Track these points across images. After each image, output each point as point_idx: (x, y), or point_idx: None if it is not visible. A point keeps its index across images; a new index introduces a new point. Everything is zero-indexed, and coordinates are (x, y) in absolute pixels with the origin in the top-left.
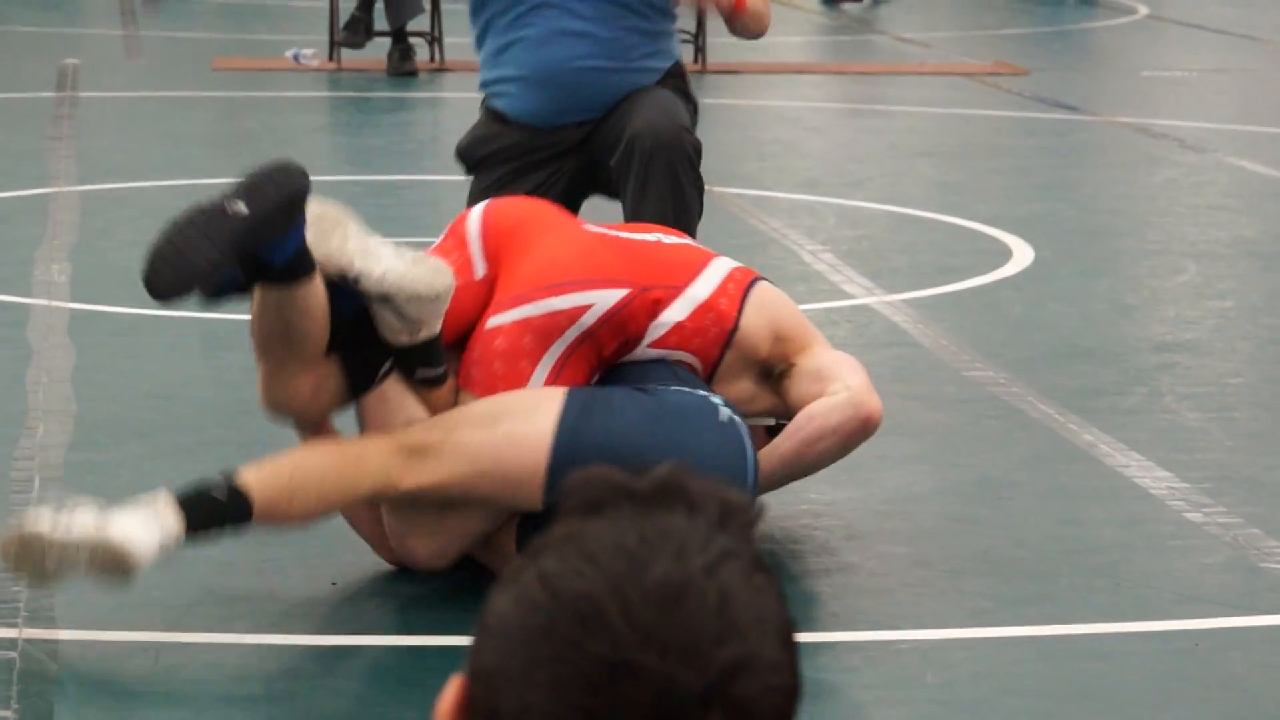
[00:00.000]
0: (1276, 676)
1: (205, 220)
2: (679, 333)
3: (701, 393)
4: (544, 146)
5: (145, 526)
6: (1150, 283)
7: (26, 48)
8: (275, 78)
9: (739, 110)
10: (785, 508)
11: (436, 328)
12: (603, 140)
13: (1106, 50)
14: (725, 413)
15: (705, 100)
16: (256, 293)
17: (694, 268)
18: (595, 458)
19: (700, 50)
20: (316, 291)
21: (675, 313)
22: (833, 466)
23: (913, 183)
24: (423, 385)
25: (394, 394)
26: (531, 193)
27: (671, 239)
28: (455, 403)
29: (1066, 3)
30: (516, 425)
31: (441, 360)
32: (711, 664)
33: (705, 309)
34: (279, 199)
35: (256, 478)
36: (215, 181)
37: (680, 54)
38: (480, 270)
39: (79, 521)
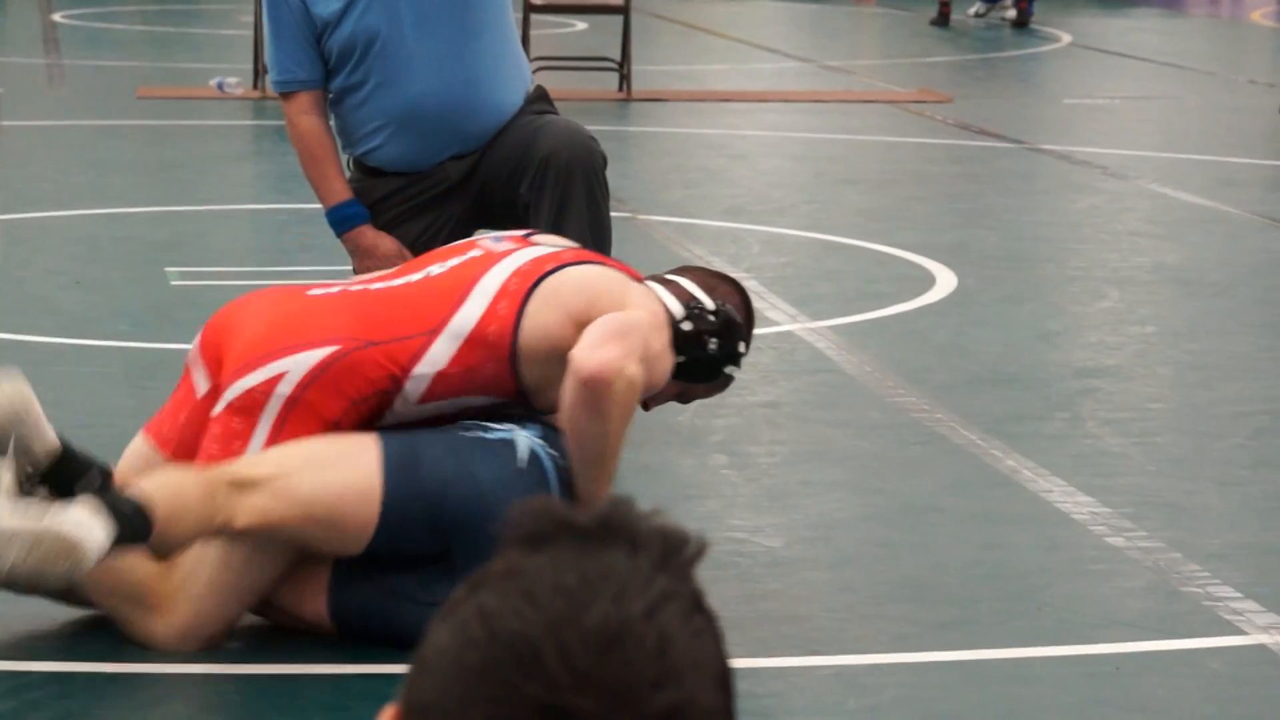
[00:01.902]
0: (1195, 700)
1: None
2: (445, 382)
3: (500, 434)
4: (427, 188)
5: (94, 521)
6: (1072, 309)
7: None
8: (199, 106)
9: (664, 138)
10: (708, 534)
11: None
12: (496, 171)
13: (1030, 78)
14: (524, 452)
15: (630, 128)
16: None
17: (453, 298)
18: (421, 501)
19: (625, 78)
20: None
21: (435, 360)
22: (756, 493)
23: (837, 210)
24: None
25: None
26: (423, 234)
27: (443, 267)
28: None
29: (1001, 31)
30: (344, 472)
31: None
32: (647, 709)
33: (471, 344)
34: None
35: (157, 497)
36: (140, 210)
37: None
38: (203, 387)
39: (25, 510)
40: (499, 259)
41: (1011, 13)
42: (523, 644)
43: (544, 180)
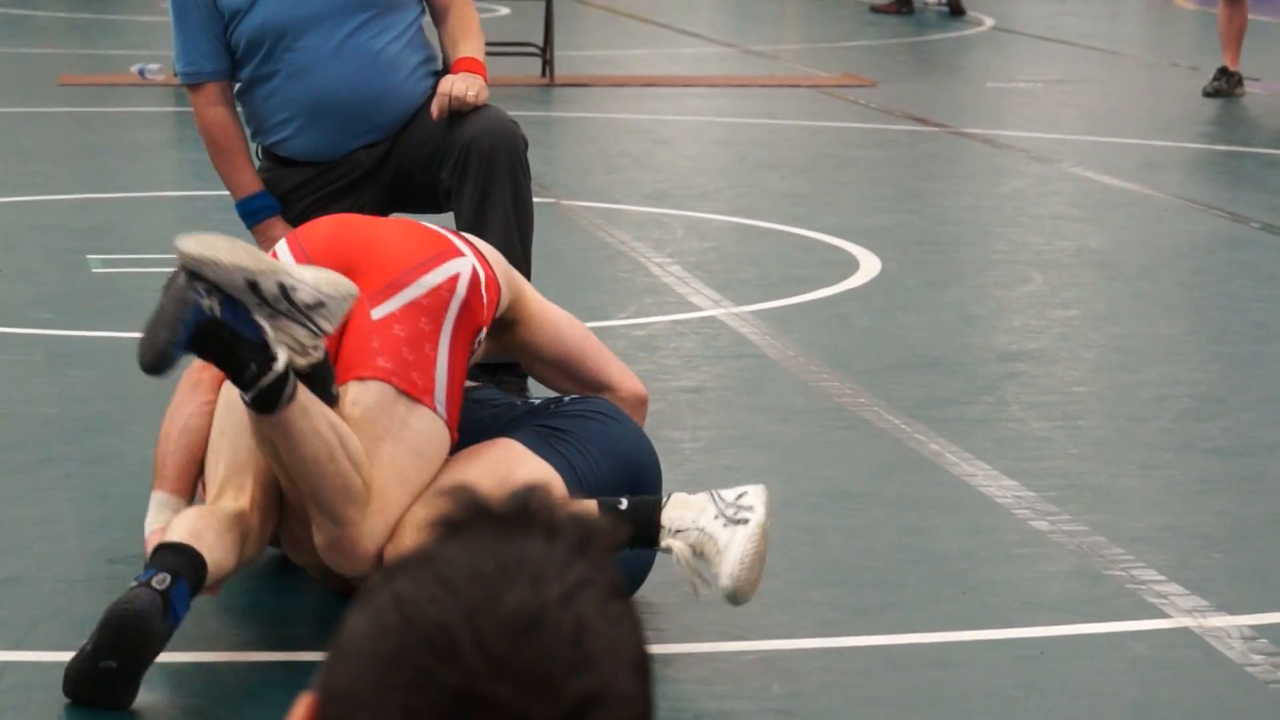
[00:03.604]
0: (1120, 683)
1: (90, 683)
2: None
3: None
4: (337, 178)
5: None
6: (996, 293)
7: None
8: (121, 93)
9: (587, 123)
10: None
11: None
12: (412, 156)
13: (953, 61)
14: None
15: (553, 113)
16: None
17: (440, 236)
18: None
19: (548, 63)
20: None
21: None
22: (680, 478)
23: (760, 194)
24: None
25: (308, 404)
26: None
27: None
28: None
29: (927, 16)
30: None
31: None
32: (564, 696)
33: (479, 281)
34: (140, 640)
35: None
36: (63, 197)
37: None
38: None
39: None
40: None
41: None
42: (438, 631)
43: (467, 165)
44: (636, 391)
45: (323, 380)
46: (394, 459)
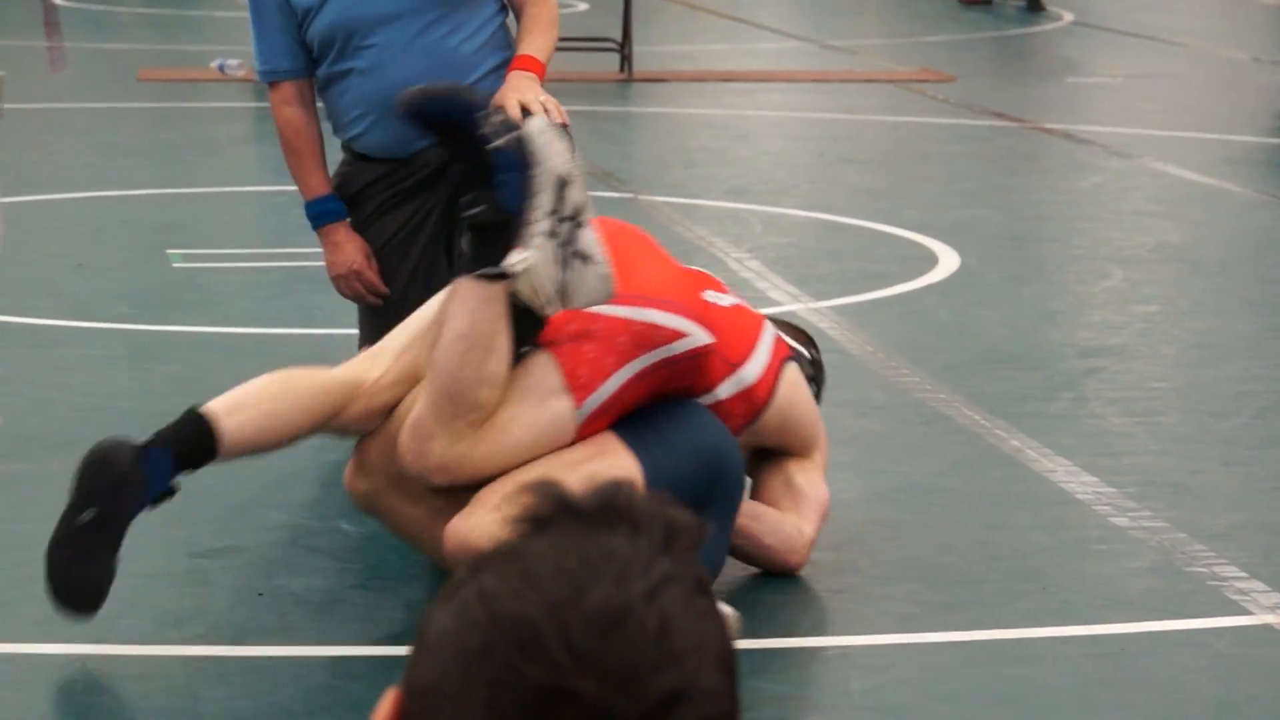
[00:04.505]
0: (1200, 680)
1: (69, 544)
2: (715, 409)
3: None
4: (411, 174)
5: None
6: (1076, 288)
7: None
8: (201, 88)
9: (666, 118)
10: None
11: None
12: None
13: (1033, 56)
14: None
15: (631, 109)
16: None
17: (749, 343)
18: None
19: (626, 59)
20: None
21: (722, 390)
22: None
23: (839, 190)
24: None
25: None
26: (409, 220)
27: (726, 300)
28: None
29: (1007, 10)
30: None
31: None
32: (649, 692)
33: (746, 395)
34: (115, 482)
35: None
36: (143, 192)
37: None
38: None
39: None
40: (763, 321)
41: None
42: (523, 626)
43: None
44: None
45: (528, 325)
46: (511, 418)
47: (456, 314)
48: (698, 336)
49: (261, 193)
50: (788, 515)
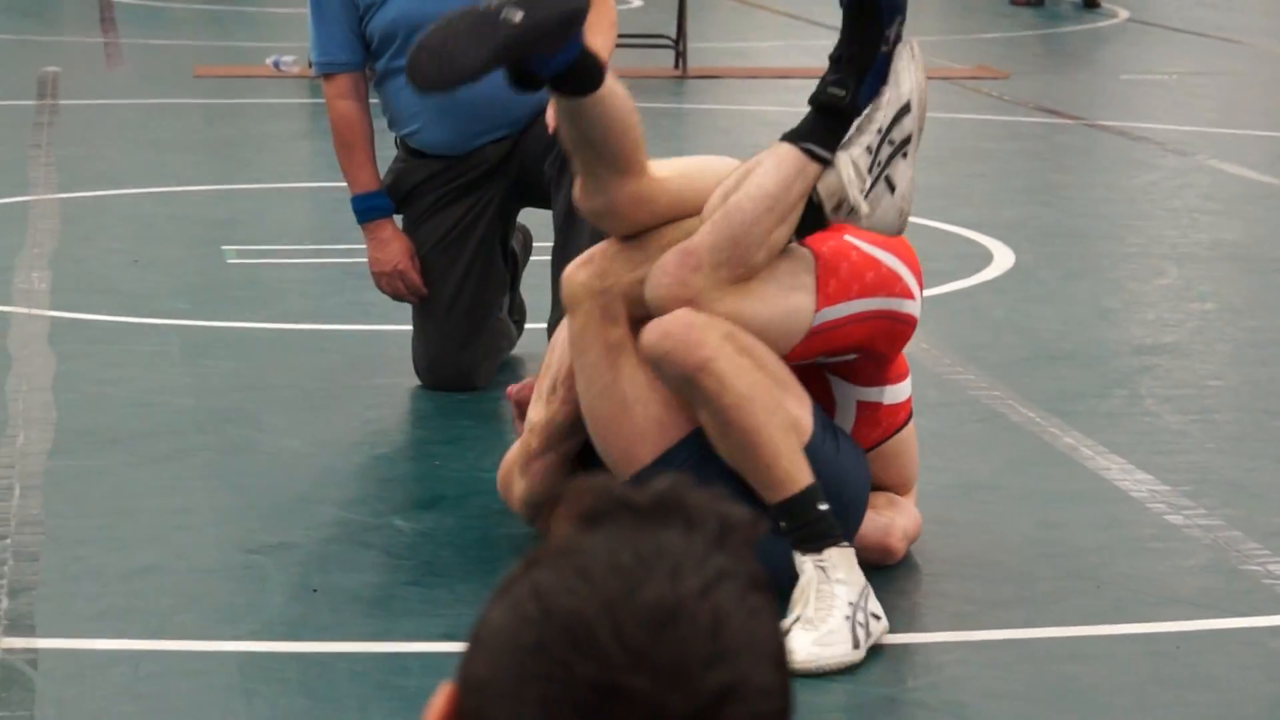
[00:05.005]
0: (1256, 678)
1: (478, 22)
2: (873, 411)
3: None
4: (466, 171)
5: None
6: (1130, 286)
7: (5, 55)
8: (256, 84)
9: (720, 115)
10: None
11: None
12: (532, 150)
13: (1088, 53)
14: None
15: (685, 105)
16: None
17: (906, 365)
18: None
19: (681, 55)
20: (607, 106)
21: (888, 393)
22: None
23: None
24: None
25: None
26: (463, 218)
27: None
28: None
29: (1062, 8)
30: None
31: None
32: (702, 689)
33: (895, 410)
34: (553, 15)
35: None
36: (197, 188)
37: None
38: None
39: None
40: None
41: None
42: (577, 622)
43: (566, 159)
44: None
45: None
46: (760, 290)
47: (771, 174)
48: (917, 305)
49: (315, 189)
50: (883, 511)
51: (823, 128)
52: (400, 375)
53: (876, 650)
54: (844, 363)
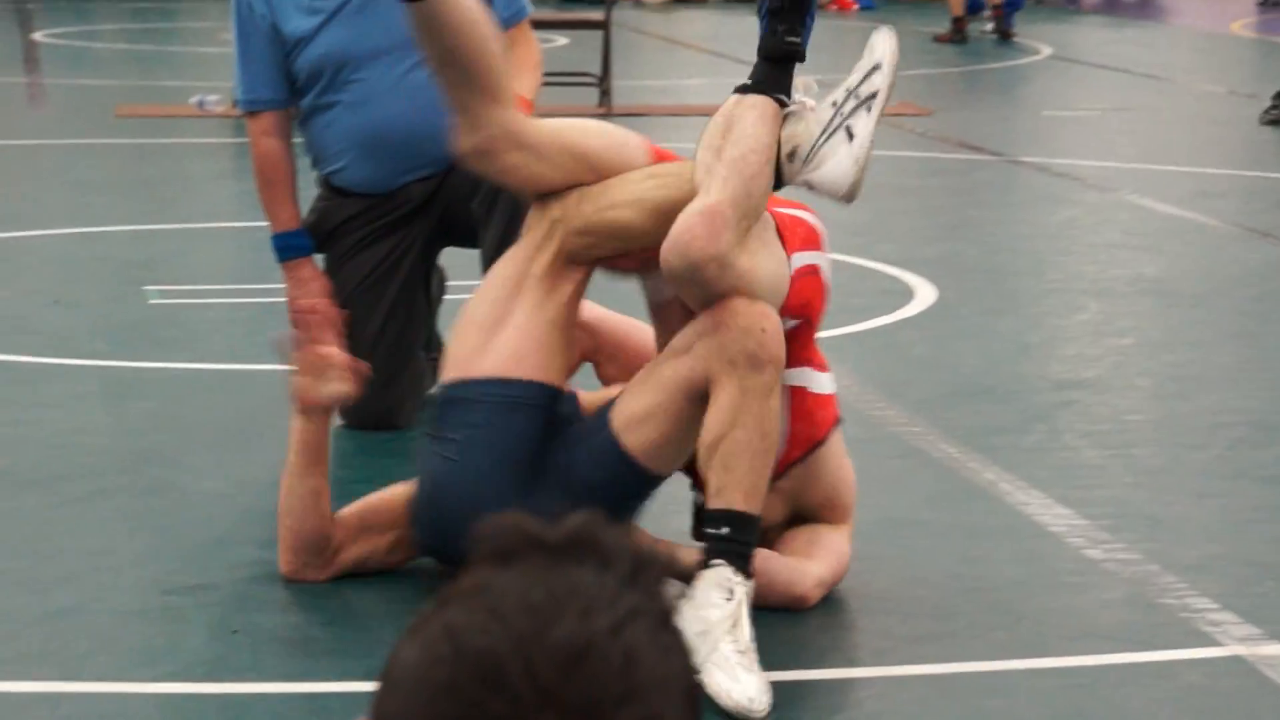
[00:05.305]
0: (1172, 711)
1: None
2: (802, 399)
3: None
4: (390, 210)
5: None
6: (1051, 321)
7: None
8: (180, 124)
9: None
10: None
11: None
12: (457, 188)
13: (1010, 90)
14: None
15: None
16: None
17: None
18: None
19: (606, 93)
20: (452, 7)
21: (818, 381)
22: None
23: None
24: None
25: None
26: (387, 257)
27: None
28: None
29: (983, 44)
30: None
31: None
32: None
33: (825, 401)
34: None
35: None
36: (119, 229)
37: None
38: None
39: None
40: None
41: (989, 25)
42: (489, 661)
43: (495, 198)
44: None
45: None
46: (758, 251)
47: (762, 125)
48: (826, 270)
49: (238, 229)
50: (800, 555)
51: (783, 75)
52: None
53: (796, 686)
54: None
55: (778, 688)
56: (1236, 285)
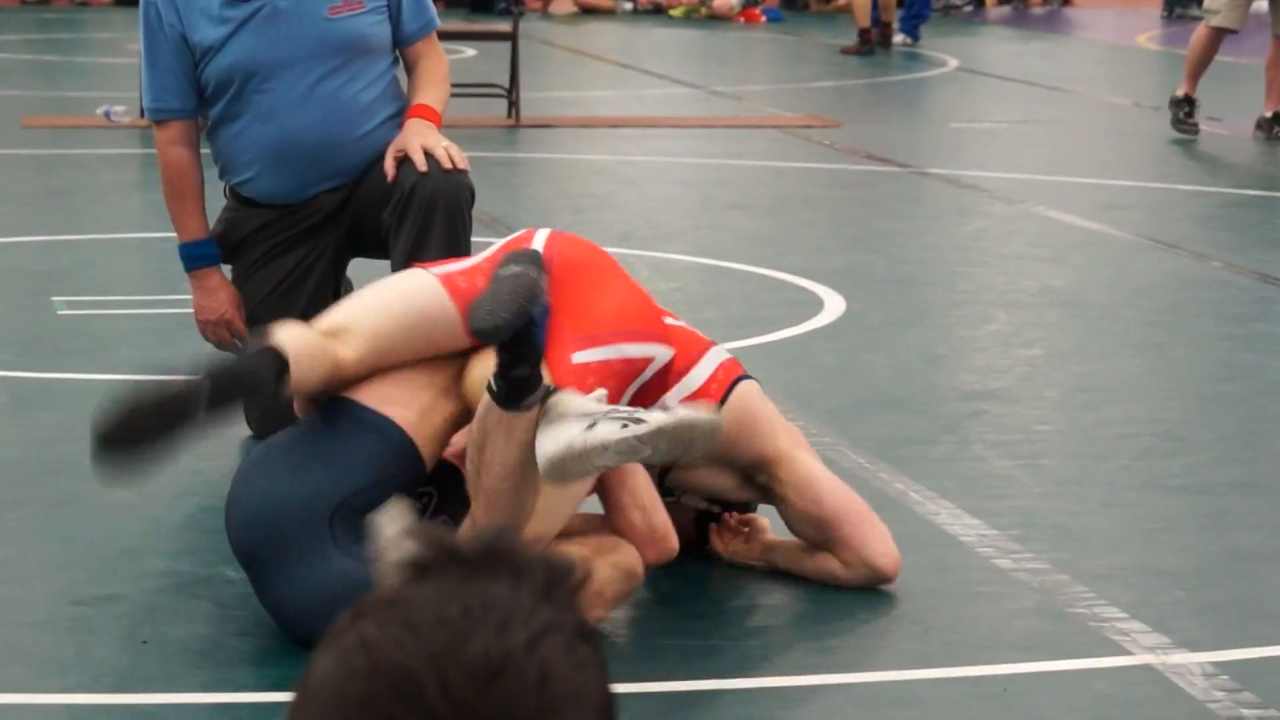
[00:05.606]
0: (1081, 719)
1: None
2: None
3: None
4: (299, 220)
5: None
6: (959, 332)
7: None
8: (86, 135)
9: (553, 164)
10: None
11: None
12: (367, 198)
13: (917, 102)
14: None
15: (518, 154)
16: None
17: (695, 352)
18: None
19: (514, 104)
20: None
21: (669, 397)
22: None
23: (725, 235)
24: None
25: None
26: (295, 268)
27: (673, 321)
28: None
29: (892, 56)
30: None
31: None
32: None
33: (692, 400)
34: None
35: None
36: (27, 239)
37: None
38: None
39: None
40: (712, 344)
41: (899, 37)
42: (403, 675)
43: (407, 207)
44: (883, 571)
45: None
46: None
47: (505, 452)
48: (662, 355)
49: (146, 239)
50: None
51: (524, 392)
52: (230, 426)
53: (702, 696)
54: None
55: (685, 697)
56: (1143, 296)
